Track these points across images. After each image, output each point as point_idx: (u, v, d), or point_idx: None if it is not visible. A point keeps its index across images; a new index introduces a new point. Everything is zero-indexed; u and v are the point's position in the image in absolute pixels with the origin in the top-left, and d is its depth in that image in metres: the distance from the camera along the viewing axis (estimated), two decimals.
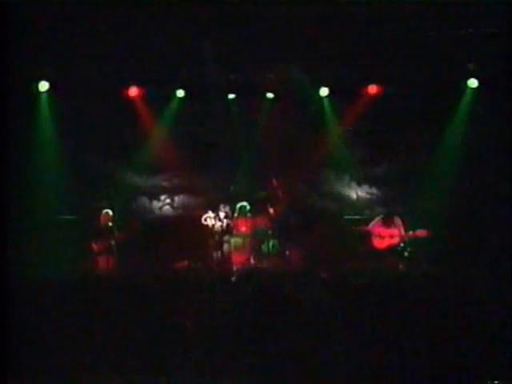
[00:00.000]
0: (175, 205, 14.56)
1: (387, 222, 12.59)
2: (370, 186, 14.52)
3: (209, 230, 12.83)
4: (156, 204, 14.51)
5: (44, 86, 13.10)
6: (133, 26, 11.84)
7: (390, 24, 11.80)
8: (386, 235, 12.53)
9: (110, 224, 12.48)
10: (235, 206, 13.22)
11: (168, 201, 14.56)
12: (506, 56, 11.22)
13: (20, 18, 10.27)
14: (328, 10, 11.47)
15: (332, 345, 7.57)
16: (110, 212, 12.62)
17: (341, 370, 7.43)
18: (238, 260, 12.71)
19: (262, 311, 7.76)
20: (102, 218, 12.56)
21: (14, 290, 7.61)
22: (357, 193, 14.56)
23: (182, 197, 14.56)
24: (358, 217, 13.77)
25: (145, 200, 14.47)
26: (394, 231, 12.51)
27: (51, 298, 7.87)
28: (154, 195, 14.53)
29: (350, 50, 12.41)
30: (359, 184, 14.54)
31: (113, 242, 12.25)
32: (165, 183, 14.55)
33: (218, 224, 12.80)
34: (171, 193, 14.58)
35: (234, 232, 12.92)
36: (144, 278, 8.47)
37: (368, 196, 14.53)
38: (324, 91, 13.76)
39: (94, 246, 12.28)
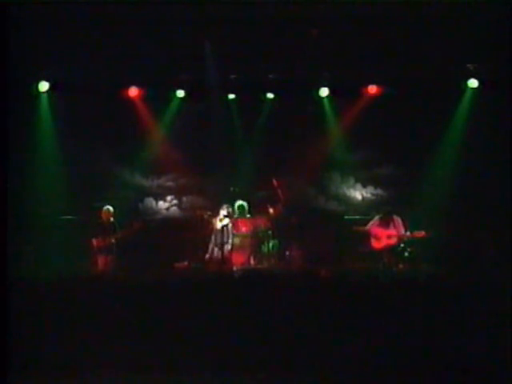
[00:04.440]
0: (176, 205, 14.54)
1: (385, 222, 12.58)
2: (374, 187, 14.49)
3: (209, 230, 12.82)
4: (156, 204, 14.50)
5: (44, 86, 13.11)
6: (133, 26, 11.84)
7: (390, 24, 11.80)
8: (383, 236, 12.51)
9: (111, 220, 12.47)
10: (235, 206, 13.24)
11: (174, 202, 14.54)
12: (506, 56, 11.21)
13: (20, 19, 10.28)
14: (328, 10, 11.47)
15: (332, 344, 7.58)
16: (111, 208, 12.59)
17: (340, 369, 7.44)
18: (238, 260, 12.71)
19: (261, 311, 7.76)
20: (103, 214, 12.52)
21: (13, 289, 7.61)
22: (359, 193, 14.54)
23: (181, 197, 14.55)
24: (357, 217, 13.75)
25: (146, 200, 14.46)
26: (392, 231, 12.50)
27: (51, 298, 7.87)
28: (155, 195, 14.52)
29: (350, 50, 12.42)
30: (363, 185, 14.53)
31: (113, 240, 12.25)
32: (164, 183, 14.54)
33: (219, 224, 12.79)
34: (172, 193, 14.56)
35: (234, 232, 12.91)
36: (143, 277, 8.47)
37: (370, 196, 14.51)
38: (324, 91, 13.76)
39: (94, 242, 12.25)
